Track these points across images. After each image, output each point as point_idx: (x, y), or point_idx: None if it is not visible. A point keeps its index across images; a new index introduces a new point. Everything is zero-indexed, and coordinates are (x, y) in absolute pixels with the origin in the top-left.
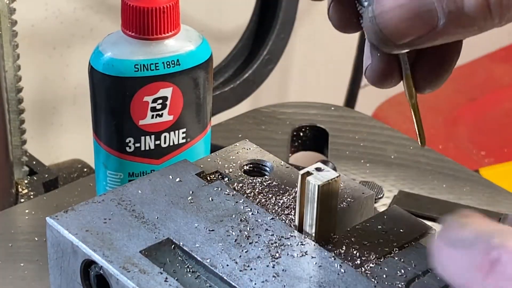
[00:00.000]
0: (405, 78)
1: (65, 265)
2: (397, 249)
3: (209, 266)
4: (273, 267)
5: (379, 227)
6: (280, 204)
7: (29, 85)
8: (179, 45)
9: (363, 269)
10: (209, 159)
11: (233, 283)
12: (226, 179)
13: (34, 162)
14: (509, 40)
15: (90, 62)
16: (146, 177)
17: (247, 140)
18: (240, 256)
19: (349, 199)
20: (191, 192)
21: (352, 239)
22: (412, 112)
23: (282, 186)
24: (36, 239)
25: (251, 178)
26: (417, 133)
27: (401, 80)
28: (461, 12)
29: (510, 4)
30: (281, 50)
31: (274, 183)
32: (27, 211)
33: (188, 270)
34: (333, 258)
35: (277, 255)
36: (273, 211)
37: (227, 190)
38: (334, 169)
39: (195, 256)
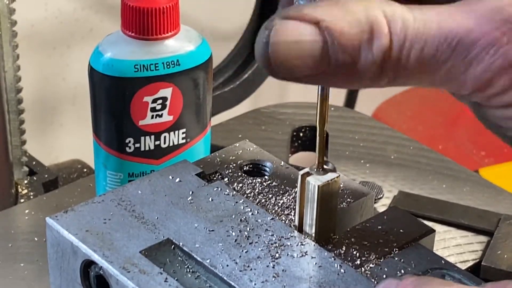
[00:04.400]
0: (319, 101)
1: (65, 265)
2: (397, 249)
3: (209, 266)
4: (273, 267)
5: (379, 227)
6: (280, 204)
7: (28, 86)
8: (179, 45)
9: (363, 269)
10: (209, 159)
11: (233, 284)
12: (226, 179)
13: (34, 163)
14: None
15: (90, 62)
16: (146, 177)
17: (247, 140)
18: (240, 256)
19: (349, 199)
20: (191, 193)
21: (352, 239)
22: (318, 140)
23: (282, 186)
24: (36, 239)
25: (251, 178)
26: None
27: None
28: (354, 67)
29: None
30: None
31: (274, 183)
32: (26, 211)
33: (188, 270)
34: (333, 258)
35: (277, 255)
36: (273, 211)
37: (227, 190)
38: (334, 169)
39: (195, 256)
